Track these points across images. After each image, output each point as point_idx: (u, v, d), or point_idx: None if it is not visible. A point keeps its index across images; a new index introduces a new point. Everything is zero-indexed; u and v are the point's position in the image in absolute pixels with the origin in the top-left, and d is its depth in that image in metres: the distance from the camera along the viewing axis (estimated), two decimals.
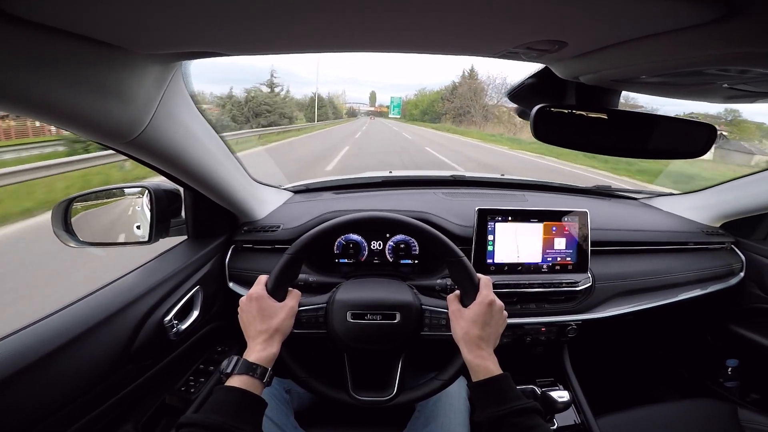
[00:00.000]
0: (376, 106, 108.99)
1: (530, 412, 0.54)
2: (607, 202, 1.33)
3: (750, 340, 1.19)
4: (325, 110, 56.52)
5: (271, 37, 0.44)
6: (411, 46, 0.47)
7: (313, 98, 51.01)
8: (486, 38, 0.43)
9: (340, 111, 79.93)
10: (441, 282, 0.86)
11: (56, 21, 0.37)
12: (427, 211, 1.03)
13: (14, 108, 0.42)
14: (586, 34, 0.39)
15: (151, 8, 0.35)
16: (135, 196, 0.90)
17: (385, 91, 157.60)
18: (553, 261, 1.00)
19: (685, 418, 0.98)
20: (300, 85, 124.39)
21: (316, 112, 46.52)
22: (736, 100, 0.55)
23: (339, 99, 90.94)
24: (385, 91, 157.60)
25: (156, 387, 0.80)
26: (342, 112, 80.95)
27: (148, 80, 0.52)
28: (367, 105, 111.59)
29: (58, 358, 0.57)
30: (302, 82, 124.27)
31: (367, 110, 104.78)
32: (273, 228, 1.00)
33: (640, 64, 0.43)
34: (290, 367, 0.67)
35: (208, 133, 0.74)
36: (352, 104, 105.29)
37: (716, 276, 1.16)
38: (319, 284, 0.86)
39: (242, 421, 0.51)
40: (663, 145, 0.58)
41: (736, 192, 1.19)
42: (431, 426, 0.77)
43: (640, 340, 1.48)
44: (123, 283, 0.74)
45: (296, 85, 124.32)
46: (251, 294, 0.64)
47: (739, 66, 0.38)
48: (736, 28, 0.31)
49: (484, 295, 0.64)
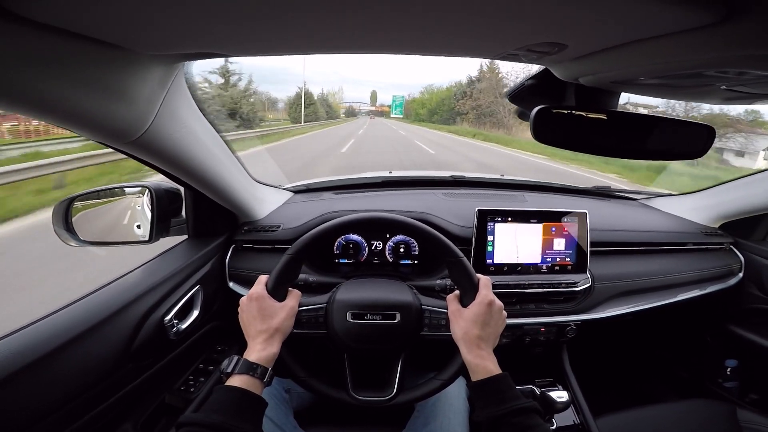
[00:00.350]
0: (377, 106, 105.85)
1: (529, 412, 0.54)
2: (606, 203, 1.33)
3: (749, 340, 1.20)
4: (314, 108, 47.45)
5: (273, 38, 0.44)
6: (411, 48, 0.47)
7: (299, 94, 43.96)
8: (486, 40, 0.43)
9: (336, 110, 74.50)
10: (441, 282, 0.86)
11: (60, 21, 0.37)
12: (427, 212, 1.04)
13: (17, 107, 0.42)
14: (586, 36, 0.39)
15: (154, 9, 0.35)
16: (135, 196, 0.90)
17: (387, 90, 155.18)
18: (552, 261, 1.00)
19: (684, 419, 0.98)
20: (294, 85, 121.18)
21: (303, 111, 40.32)
22: (733, 102, 0.56)
23: (335, 97, 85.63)
24: (387, 90, 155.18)
25: (156, 386, 0.80)
26: (338, 112, 75.28)
27: (151, 81, 0.52)
28: (368, 104, 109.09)
29: (59, 356, 0.57)
30: (303, 81, 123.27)
31: (368, 110, 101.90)
32: (273, 228, 1.00)
33: (639, 66, 0.43)
34: (290, 366, 0.67)
35: (210, 133, 0.74)
36: (352, 103, 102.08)
37: (715, 276, 1.17)
38: (319, 284, 0.86)
39: (242, 421, 0.51)
40: (662, 146, 0.58)
41: (735, 192, 1.20)
42: (431, 426, 0.77)
43: (639, 340, 1.49)
44: (123, 283, 0.74)
45: (294, 84, 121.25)
46: (251, 294, 0.64)
47: (737, 68, 0.39)
48: (734, 31, 0.31)
49: (484, 295, 0.65)
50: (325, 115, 54.30)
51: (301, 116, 38.86)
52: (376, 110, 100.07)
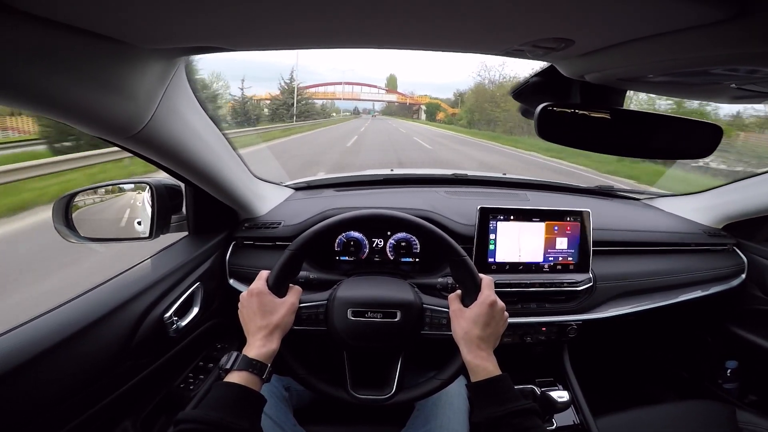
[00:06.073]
0: (402, 95, 64.63)
1: (528, 413, 0.54)
2: (609, 203, 1.32)
3: (750, 341, 1.19)
4: (304, 107, 36.22)
5: (275, 32, 0.43)
6: (414, 43, 0.47)
7: (289, 89, 34.06)
8: (491, 35, 0.42)
9: (325, 111, 49.63)
10: (442, 281, 0.86)
11: (59, 15, 0.36)
12: (429, 210, 1.03)
13: (16, 102, 0.42)
14: (594, 32, 0.39)
15: (154, 2, 0.34)
16: (136, 192, 0.90)
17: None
18: (554, 260, 0.99)
19: (683, 419, 0.98)
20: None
21: (296, 105, 32.54)
22: (743, 101, 0.55)
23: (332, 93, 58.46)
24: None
25: (156, 383, 0.80)
26: (329, 112, 52.60)
27: (151, 75, 0.51)
28: (378, 93, 64.59)
29: (58, 353, 0.57)
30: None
31: (383, 101, 61.68)
32: (274, 225, 1.00)
33: (647, 63, 0.42)
34: (289, 364, 0.67)
35: (210, 129, 0.73)
36: (353, 90, 60.98)
37: (718, 277, 1.16)
38: (320, 281, 0.85)
39: (240, 417, 0.51)
40: (668, 145, 0.58)
41: (739, 194, 1.19)
42: (431, 425, 0.77)
43: (640, 340, 1.48)
44: (123, 279, 0.74)
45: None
46: (252, 289, 0.64)
47: (748, 66, 0.38)
48: (747, 28, 0.31)
49: (486, 295, 0.64)
50: (317, 115, 40.80)
51: (293, 114, 32.44)
52: (401, 102, 63.37)
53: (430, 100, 61.38)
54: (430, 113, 58.17)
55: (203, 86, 21.96)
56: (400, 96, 67.26)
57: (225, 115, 24.29)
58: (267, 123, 26.69)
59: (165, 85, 0.55)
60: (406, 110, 64.80)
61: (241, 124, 22.94)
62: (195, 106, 0.67)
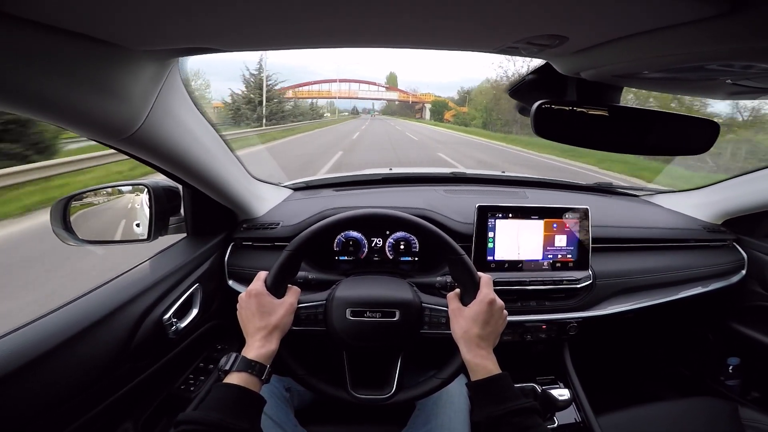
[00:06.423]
0: (404, 92, 57.14)
1: (528, 412, 0.54)
2: (608, 199, 1.32)
3: (751, 338, 1.19)
4: (277, 106, 25.92)
5: (268, 31, 0.43)
6: (408, 41, 0.47)
7: (256, 84, 24.85)
8: (485, 33, 0.42)
9: (315, 110, 43.43)
10: (441, 279, 0.86)
11: (51, 18, 0.36)
12: (428, 208, 1.03)
13: (9, 105, 0.42)
14: (588, 28, 0.39)
15: (146, 4, 0.34)
16: (134, 194, 0.90)
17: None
18: (553, 258, 0.99)
19: (686, 417, 0.98)
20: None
21: (265, 105, 23.60)
22: (738, 96, 0.55)
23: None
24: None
25: (156, 385, 0.80)
26: (321, 111, 45.53)
27: (144, 77, 0.51)
28: (378, 91, 57.23)
29: (58, 356, 0.57)
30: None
31: (383, 99, 54.98)
32: (272, 225, 1.00)
33: (642, 59, 0.42)
34: (289, 364, 0.67)
35: (206, 130, 0.73)
36: (350, 88, 53.02)
37: (718, 273, 1.16)
38: (319, 281, 0.85)
39: (240, 418, 0.51)
40: (665, 142, 0.57)
41: (739, 189, 1.18)
42: (431, 424, 0.76)
43: (641, 337, 1.48)
44: (122, 281, 0.74)
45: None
46: (250, 290, 0.64)
47: (743, 61, 0.38)
48: (741, 23, 0.31)
49: (485, 293, 0.64)
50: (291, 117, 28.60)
51: (262, 115, 24.10)
52: (403, 100, 56.34)
53: (436, 98, 56.58)
54: (436, 112, 53.65)
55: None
56: (401, 93, 60.61)
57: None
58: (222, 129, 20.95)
59: (159, 87, 0.55)
60: (408, 109, 59.75)
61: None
62: (190, 107, 0.67)
